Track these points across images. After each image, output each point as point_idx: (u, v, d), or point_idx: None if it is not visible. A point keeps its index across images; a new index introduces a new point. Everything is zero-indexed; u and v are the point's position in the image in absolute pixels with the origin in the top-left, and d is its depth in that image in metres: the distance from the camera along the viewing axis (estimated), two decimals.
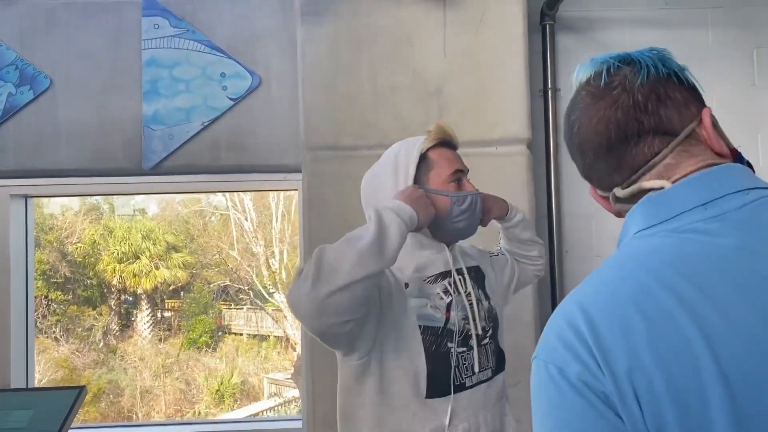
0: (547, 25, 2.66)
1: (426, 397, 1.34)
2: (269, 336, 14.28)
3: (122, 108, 2.59)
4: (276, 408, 11.85)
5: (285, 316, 13.56)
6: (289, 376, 12.70)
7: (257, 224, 14.24)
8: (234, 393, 13.13)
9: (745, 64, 2.73)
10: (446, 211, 1.41)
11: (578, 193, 2.73)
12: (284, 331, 13.74)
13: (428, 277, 1.42)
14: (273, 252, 14.08)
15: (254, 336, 14.47)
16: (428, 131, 1.46)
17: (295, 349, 13.09)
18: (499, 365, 1.49)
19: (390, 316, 1.34)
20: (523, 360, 2.27)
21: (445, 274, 1.43)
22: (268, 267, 14.02)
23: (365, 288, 1.16)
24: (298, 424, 2.61)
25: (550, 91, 2.68)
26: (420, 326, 1.35)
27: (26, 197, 2.70)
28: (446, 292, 1.41)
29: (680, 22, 2.76)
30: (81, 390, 2.25)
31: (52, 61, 2.59)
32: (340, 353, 1.37)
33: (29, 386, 2.66)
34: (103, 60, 2.60)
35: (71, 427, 2.24)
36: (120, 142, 2.58)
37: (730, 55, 2.74)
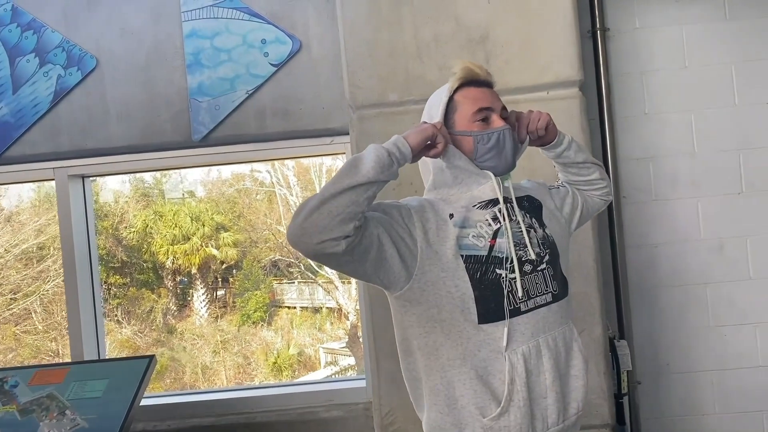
0: None
1: (479, 323, 1.36)
2: (322, 308, 14.47)
3: (167, 82, 2.61)
4: (333, 376, 12.06)
5: (336, 287, 13.71)
6: (344, 345, 12.89)
7: (302, 198, 14.33)
8: (291, 364, 13.41)
9: None
10: (472, 151, 1.43)
11: (634, 136, 2.65)
12: (336, 302, 13.90)
13: (479, 203, 1.43)
14: None
15: (307, 308, 14.69)
16: (453, 73, 1.45)
17: (348, 318, 13.25)
18: (562, 290, 1.48)
19: (431, 249, 1.36)
20: (586, 307, 2.24)
21: (495, 202, 1.44)
22: None
23: (343, 204, 1.21)
24: (362, 383, 2.64)
25: (599, 32, 2.58)
26: (462, 255, 1.36)
27: (83, 177, 2.76)
28: (495, 218, 1.42)
29: None
30: (151, 359, 2.31)
31: (96, 40, 2.62)
32: (383, 288, 1.41)
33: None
34: (145, 35, 2.62)
35: (144, 395, 2.32)
36: (168, 116, 2.61)
37: None
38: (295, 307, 14.89)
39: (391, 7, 2.30)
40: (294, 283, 15.07)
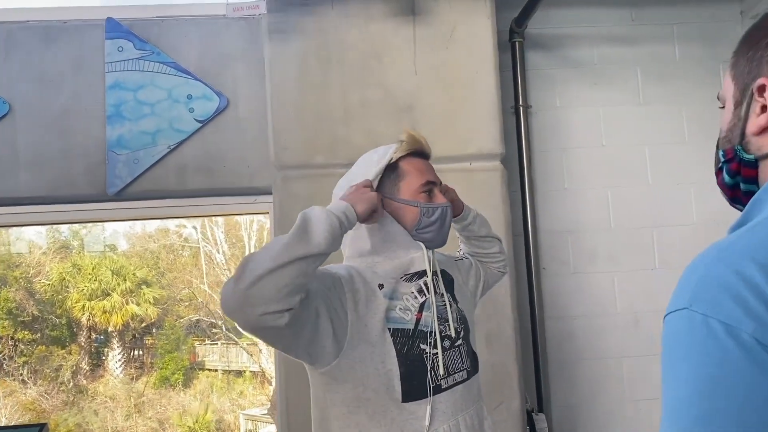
0: (517, 42, 2.67)
1: (402, 401, 1.30)
2: (244, 371, 13.99)
3: (85, 133, 2.51)
4: None
5: (260, 350, 13.31)
6: (266, 411, 12.43)
7: (230, 256, 14.04)
8: (209, 430, 12.78)
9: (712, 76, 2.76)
10: (415, 222, 1.41)
11: (554, 209, 2.71)
12: (260, 366, 13.48)
13: (405, 275, 1.40)
14: None
15: (229, 372, 14.17)
16: (400, 140, 1.45)
17: (270, 383, 12.83)
18: (474, 367, 1.47)
19: (360, 321, 1.31)
20: (504, 379, 2.22)
21: (422, 274, 1.41)
22: None
23: (292, 275, 1.12)
24: None
25: (521, 108, 2.67)
26: (389, 329, 1.32)
27: None
28: (420, 291, 1.39)
29: (647, 37, 2.79)
30: (42, 427, 2.13)
31: (10, 85, 2.51)
32: (306, 364, 1.33)
33: None
34: (64, 84, 2.52)
35: None
36: (83, 167, 2.49)
37: (695, 69, 2.78)
38: (216, 370, 14.34)
39: (320, 71, 2.32)
40: (217, 344, 14.58)
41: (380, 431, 1.31)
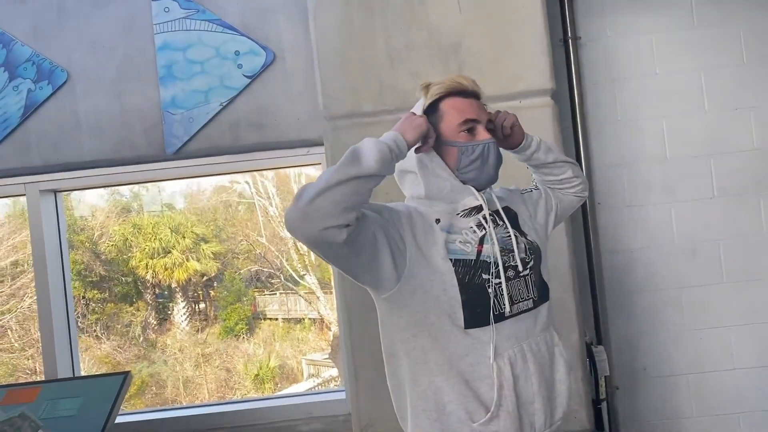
0: None
1: (465, 327, 1.36)
2: (303, 319, 14.39)
3: (140, 95, 2.59)
4: (315, 388, 11.99)
5: (318, 298, 13.65)
6: (327, 356, 12.83)
7: (282, 209, 14.28)
8: (273, 377, 13.30)
9: None
10: (456, 162, 1.43)
11: (607, 143, 2.67)
12: (318, 312, 13.84)
13: (461, 211, 1.44)
14: None
15: (289, 320, 14.60)
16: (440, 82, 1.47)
17: (330, 329, 13.19)
18: (542, 296, 1.49)
19: (419, 251, 1.36)
20: (564, 314, 2.24)
21: (479, 209, 1.45)
22: (297, 250, 14.08)
23: (345, 193, 1.20)
24: (342, 395, 2.62)
25: (570, 40, 2.61)
26: (451, 259, 1.36)
27: (55, 192, 2.72)
28: (479, 225, 1.43)
29: None
30: (126, 375, 2.28)
31: (67, 54, 2.59)
32: (370, 289, 1.41)
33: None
34: (117, 48, 2.60)
35: (120, 413, 2.28)
36: (141, 129, 2.58)
37: None
38: (277, 319, 14.79)
39: (364, 17, 2.31)
40: (275, 294, 14.98)
41: (444, 355, 1.37)
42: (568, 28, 2.61)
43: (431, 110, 1.45)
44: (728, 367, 2.65)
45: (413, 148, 1.41)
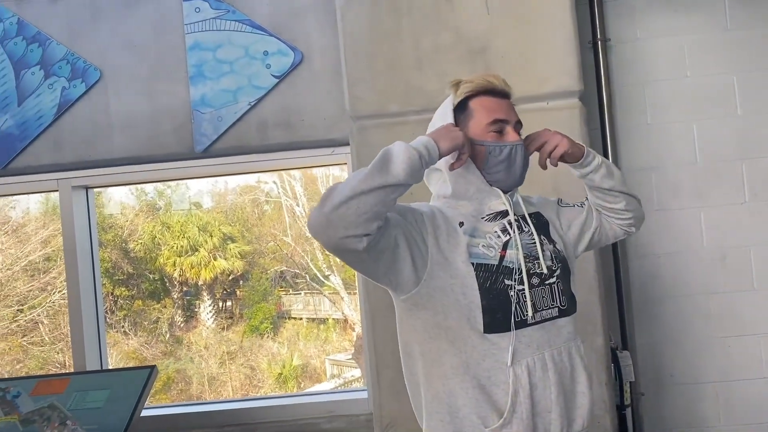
0: None
1: (484, 332, 1.35)
2: (328, 319, 14.45)
3: (171, 94, 2.63)
4: (337, 388, 12.03)
5: (342, 298, 13.69)
6: (350, 357, 12.86)
7: (308, 209, 14.37)
8: (297, 376, 13.38)
9: None
10: (484, 162, 1.42)
11: (636, 146, 2.64)
12: (342, 313, 13.89)
13: (487, 215, 1.43)
14: None
15: (313, 320, 14.67)
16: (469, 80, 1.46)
17: (354, 330, 13.23)
18: (570, 306, 1.47)
19: (441, 254, 1.36)
20: (589, 319, 2.22)
21: (505, 214, 1.44)
22: (322, 251, 14.15)
23: (371, 203, 1.20)
24: (364, 395, 2.63)
25: (600, 42, 2.59)
26: (473, 263, 1.36)
27: (86, 188, 2.78)
28: (504, 230, 1.42)
29: None
30: (152, 369, 2.32)
31: (100, 53, 2.65)
32: (390, 290, 1.41)
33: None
34: (148, 48, 2.64)
35: (145, 406, 2.32)
36: (171, 127, 2.63)
37: None
38: (301, 318, 14.88)
39: (391, 18, 2.32)
40: (300, 294, 15.07)
41: (460, 359, 1.37)
42: (597, 30, 2.59)
43: (460, 108, 1.44)
44: (757, 375, 2.60)
45: (447, 165, 1.40)
